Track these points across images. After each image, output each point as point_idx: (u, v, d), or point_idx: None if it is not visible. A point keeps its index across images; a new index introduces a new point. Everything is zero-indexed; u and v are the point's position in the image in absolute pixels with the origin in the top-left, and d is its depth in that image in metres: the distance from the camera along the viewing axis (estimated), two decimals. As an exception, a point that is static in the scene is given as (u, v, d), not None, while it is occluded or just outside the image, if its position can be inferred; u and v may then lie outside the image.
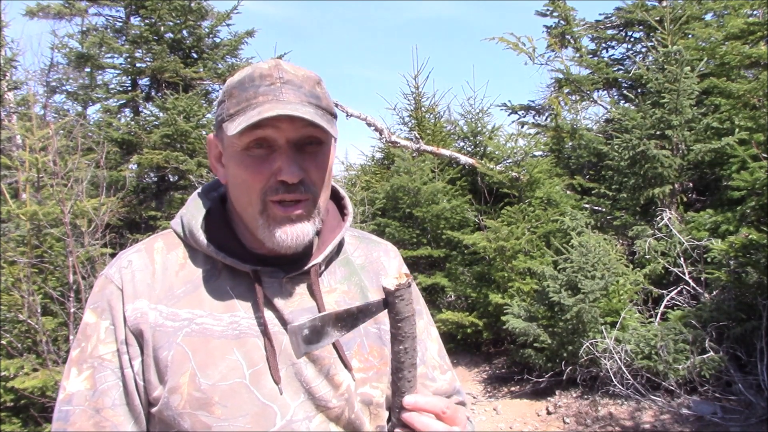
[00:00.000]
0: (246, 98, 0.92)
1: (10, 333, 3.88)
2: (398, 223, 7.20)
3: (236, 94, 0.94)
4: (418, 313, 1.13)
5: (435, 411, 0.85)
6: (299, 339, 0.81)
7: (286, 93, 0.92)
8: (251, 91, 0.92)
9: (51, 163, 4.33)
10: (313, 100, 0.94)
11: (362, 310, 0.84)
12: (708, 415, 4.47)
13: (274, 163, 0.92)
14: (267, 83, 0.93)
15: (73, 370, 0.95)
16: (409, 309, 0.82)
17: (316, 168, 0.95)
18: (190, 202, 1.05)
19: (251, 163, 0.93)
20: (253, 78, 0.94)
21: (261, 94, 0.92)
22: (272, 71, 0.94)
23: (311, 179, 0.95)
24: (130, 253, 1.01)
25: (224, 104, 0.96)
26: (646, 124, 5.89)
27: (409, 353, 0.83)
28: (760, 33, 6.05)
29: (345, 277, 1.06)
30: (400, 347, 0.82)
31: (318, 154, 0.96)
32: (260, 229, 0.94)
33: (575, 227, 5.74)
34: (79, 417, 0.92)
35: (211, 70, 7.97)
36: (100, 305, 0.97)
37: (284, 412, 0.92)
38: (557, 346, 5.22)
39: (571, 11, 8.28)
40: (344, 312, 0.83)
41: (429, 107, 8.66)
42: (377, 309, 0.83)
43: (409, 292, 0.81)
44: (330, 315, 0.82)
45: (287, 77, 0.94)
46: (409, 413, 0.84)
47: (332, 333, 0.82)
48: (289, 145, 0.93)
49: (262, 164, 0.92)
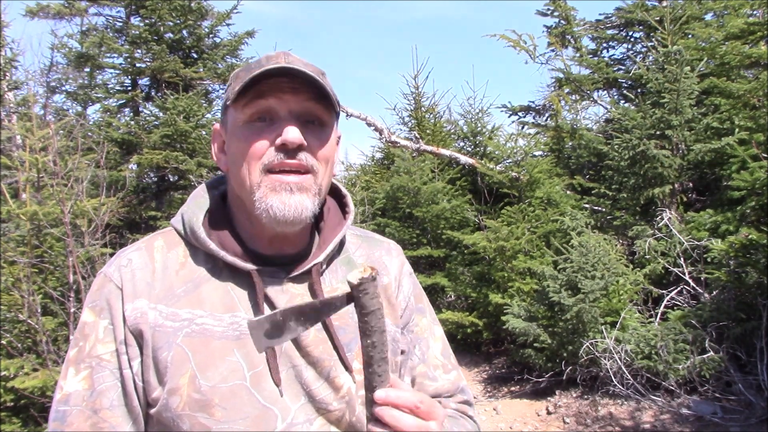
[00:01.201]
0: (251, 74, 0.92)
1: (10, 333, 3.88)
2: (398, 223, 7.21)
3: (241, 75, 0.95)
4: (420, 311, 1.12)
5: (407, 405, 0.81)
6: (260, 334, 0.79)
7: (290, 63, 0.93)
8: (256, 70, 0.92)
9: (51, 163, 4.33)
10: (318, 77, 0.94)
11: (326, 304, 0.81)
12: (708, 415, 4.47)
13: (275, 131, 0.92)
14: (272, 62, 0.93)
15: (71, 369, 0.94)
16: (375, 303, 0.79)
17: (318, 142, 0.95)
18: (191, 199, 1.03)
19: (252, 133, 0.93)
20: (260, 60, 0.95)
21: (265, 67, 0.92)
22: (278, 54, 0.95)
23: (312, 151, 0.94)
24: (130, 252, 0.99)
25: (230, 87, 0.96)
26: (646, 124, 5.89)
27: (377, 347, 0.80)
28: (760, 33, 6.04)
29: (346, 276, 1.05)
30: (368, 341, 0.80)
31: (320, 132, 0.95)
32: (258, 202, 0.92)
33: (575, 227, 5.74)
34: (76, 417, 0.91)
35: (211, 70, 7.97)
36: (99, 304, 0.95)
37: (285, 414, 0.91)
38: (557, 346, 5.22)
39: (572, 11, 8.29)
40: (307, 306, 0.81)
41: (429, 107, 8.66)
42: (341, 303, 0.81)
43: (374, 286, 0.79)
44: (292, 309, 0.80)
45: (292, 59, 0.95)
46: (380, 407, 0.80)
47: (295, 328, 0.80)
48: (291, 115, 0.93)
49: (262, 133, 0.92)
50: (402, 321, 1.09)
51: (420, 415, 0.81)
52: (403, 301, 1.11)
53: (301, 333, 0.82)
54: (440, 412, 0.87)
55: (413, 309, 1.11)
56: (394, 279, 1.11)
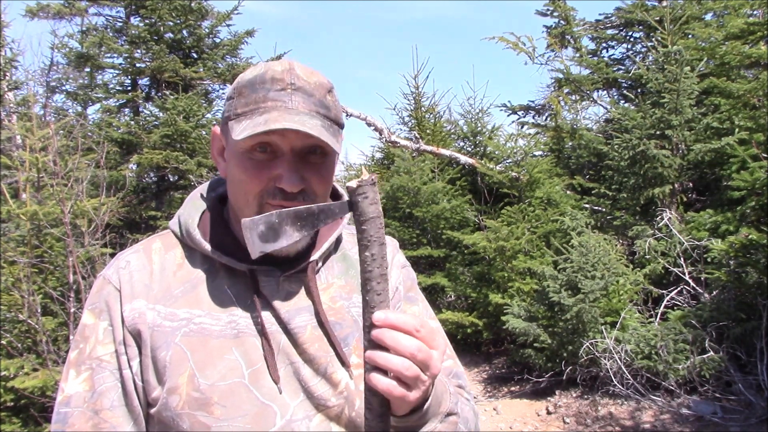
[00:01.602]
0: (255, 100, 0.91)
1: (10, 333, 3.88)
2: (398, 223, 7.21)
3: (246, 94, 0.93)
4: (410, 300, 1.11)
5: (407, 328, 0.76)
6: (254, 236, 0.75)
7: (296, 101, 0.91)
8: (261, 93, 0.91)
9: (51, 163, 4.33)
10: (322, 110, 0.92)
11: (323, 210, 0.77)
12: (708, 415, 4.47)
13: (274, 169, 0.91)
14: (278, 87, 0.91)
15: (72, 371, 0.95)
16: (374, 210, 0.75)
17: (319, 179, 0.94)
18: (187, 202, 1.05)
19: (252, 166, 0.92)
20: (265, 80, 0.92)
21: (270, 99, 0.90)
22: (284, 75, 0.92)
23: (312, 189, 0.93)
24: (128, 254, 1.01)
25: (233, 101, 0.95)
26: (646, 124, 5.89)
27: (377, 261, 0.75)
28: (760, 33, 6.05)
29: (342, 271, 1.06)
30: (366, 254, 0.75)
31: (321, 166, 0.95)
32: None
33: (575, 227, 5.74)
34: (77, 419, 0.92)
35: (211, 70, 7.97)
36: (98, 306, 0.96)
37: (284, 411, 0.92)
38: (557, 346, 5.22)
39: (571, 11, 8.29)
40: (304, 210, 0.77)
41: (429, 107, 8.66)
42: (341, 210, 0.78)
43: (373, 191, 0.75)
44: (288, 212, 0.76)
45: (299, 84, 0.92)
46: (379, 329, 0.75)
47: (291, 232, 0.76)
48: (293, 153, 0.92)
49: (262, 169, 0.92)
50: None
51: (421, 339, 0.77)
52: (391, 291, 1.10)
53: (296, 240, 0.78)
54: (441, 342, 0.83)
55: (400, 298, 1.11)
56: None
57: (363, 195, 0.75)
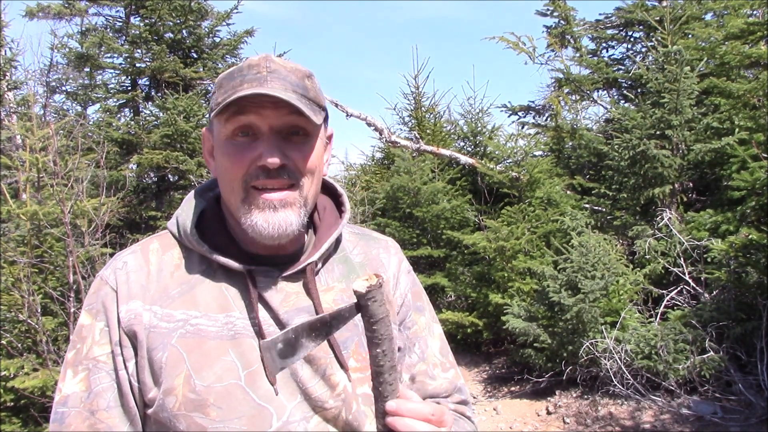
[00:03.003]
0: (232, 86, 0.92)
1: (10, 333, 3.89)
2: (398, 223, 7.20)
3: (224, 84, 0.94)
4: (418, 309, 1.12)
5: (420, 417, 0.82)
6: (274, 355, 0.79)
7: (272, 82, 0.92)
8: (238, 79, 0.92)
9: (51, 163, 4.34)
10: (299, 89, 0.93)
11: (335, 317, 0.81)
12: (708, 415, 4.47)
13: (255, 150, 0.92)
14: (254, 72, 0.93)
15: (69, 371, 0.95)
16: (383, 310, 0.78)
17: (302, 156, 0.94)
18: (185, 202, 1.05)
19: (234, 150, 0.93)
20: (242, 68, 0.94)
21: (246, 82, 0.91)
22: (260, 62, 0.94)
23: (295, 166, 0.94)
24: (126, 255, 1.01)
25: (214, 96, 0.96)
26: (646, 124, 5.89)
27: (387, 356, 0.79)
28: (760, 33, 6.04)
29: (343, 275, 1.05)
30: (377, 351, 0.79)
31: (303, 145, 0.95)
32: (243, 218, 0.93)
33: (575, 227, 5.73)
34: (74, 419, 0.92)
35: (210, 69, 7.97)
36: (95, 307, 0.97)
37: (280, 413, 0.92)
38: (557, 346, 5.21)
39: (571, 11, 8.29)
40: (317, 321, 0.81)
41: (429, 107, 8.65)
42: (350, 314, 0.80)
43: (381, 293, 0.78)
44: (303, 326, 0.80)
45: (274, 67, 0.94)
46: (392, 418, 0.81)
47: (307, 344, 0.80)
48: (272, 131, 0.92)
49: (243, 151, 0.92)
50: (398, 318, 1.09)
51: (433, 423, 0.83)
52: (400, 298, 1.11)
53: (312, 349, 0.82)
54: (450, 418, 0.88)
55: (410, 306, 1.12)
56: (393, 276, 1.11)
57: (372, 299, 0.77)
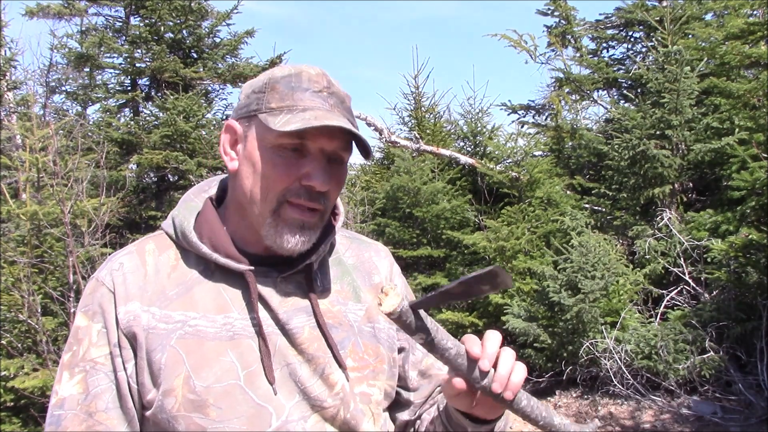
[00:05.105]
0: (293, 97, 0.92)
1: (10, 333, 3.89)
2: (398, 223, 7.20)
3: (280, 90, 0.94)
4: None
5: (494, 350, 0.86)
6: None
7: (334, 106, 0.94)
8: (299, 92, 0.93)
9: (51, 163, 4.34)
10: (351, 117, 0.96)
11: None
12: (708, 415, 4.47)
13: (302, 167, 0.93)
14: (315, 88, 0.94)
15: (65, 373, 0.94)
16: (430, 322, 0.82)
17: (337, 185, 0.97)
18: (181, 203, 1.04)
19: (281, 161, 0.93)
20: (301, 79, 0.94)
21: (309, 99, 0.92)
22: (320, 79, 0.95)
23: (332, 194, 0.97)
24: (121, 256, 1.00)
25: (263, 95, 0.95)
26: (646, 124, 5.89)
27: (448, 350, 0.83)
28: (760, 33, 6.04)
29: (338, 276, 1.06)
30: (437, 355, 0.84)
31: (339, 172, 0.97)
32: (266, 227, 0.94)
33: (575, 227, 5.73)
34: (71, 421, 0.91)
35: (211, 69, 7.96)
36: (92, 308, 0.96)
37: (279, 412, 0.92)
38: (557, 346, 5.22)
39: (572, 11, 8.28)
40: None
41: (429, 107, 8.64)
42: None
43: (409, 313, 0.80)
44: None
45: (333, 89, 0.95)
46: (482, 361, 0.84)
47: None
48: (323, 155, 0.94)
49: (291, 166, 0.93)
50: None
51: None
52: None
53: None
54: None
55: None
56: (386, 279, 1.12)
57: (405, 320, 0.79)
